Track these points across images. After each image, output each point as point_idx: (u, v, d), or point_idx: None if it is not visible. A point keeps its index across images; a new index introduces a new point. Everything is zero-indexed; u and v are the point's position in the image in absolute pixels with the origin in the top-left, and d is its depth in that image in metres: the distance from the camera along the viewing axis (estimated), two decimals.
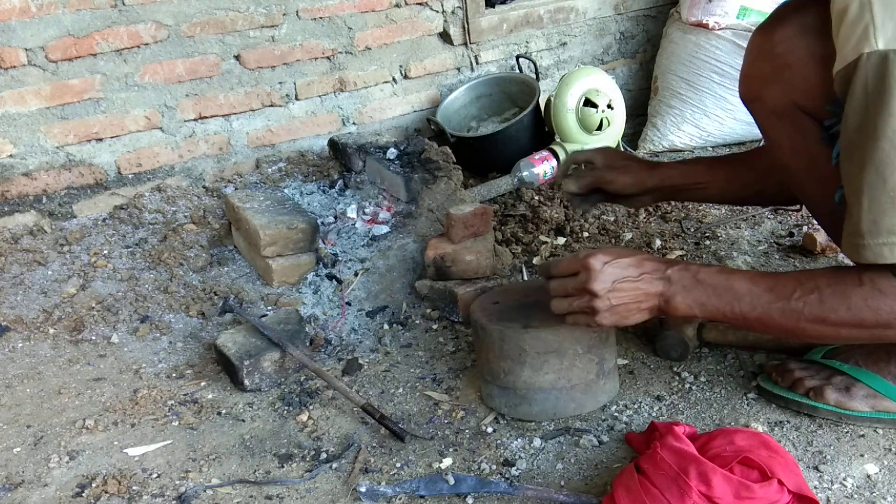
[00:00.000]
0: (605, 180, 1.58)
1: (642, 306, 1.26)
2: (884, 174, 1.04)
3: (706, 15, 2.57)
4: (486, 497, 1.25)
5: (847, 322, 1.15)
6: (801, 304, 1.17)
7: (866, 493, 1.19)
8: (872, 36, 1.02)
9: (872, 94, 1.03)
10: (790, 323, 1.18)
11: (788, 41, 1.20)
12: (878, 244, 1.07)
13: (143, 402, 1.58)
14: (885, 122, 1.02)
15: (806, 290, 1.17)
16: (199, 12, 2.26)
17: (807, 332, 1.19)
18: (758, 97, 1.30)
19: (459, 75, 2.74)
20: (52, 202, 2.21)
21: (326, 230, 2.06)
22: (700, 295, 1.22)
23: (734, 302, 1.21)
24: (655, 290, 1.24)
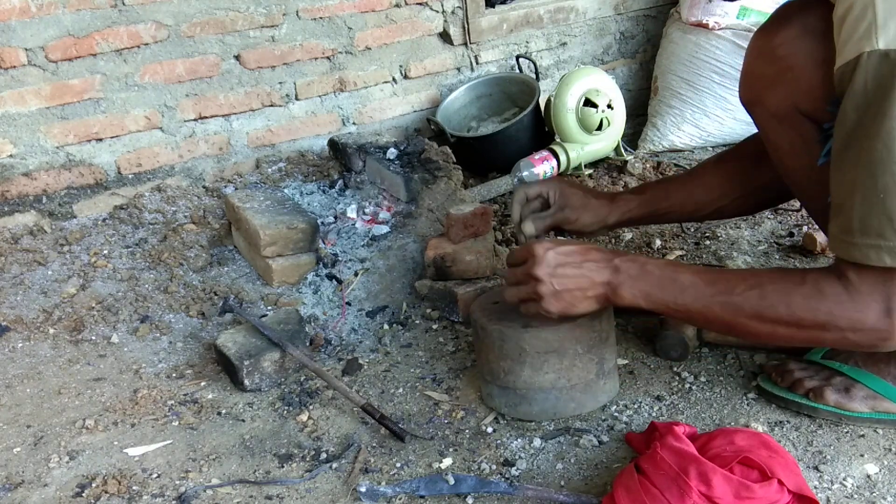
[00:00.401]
0: (566, 221, 1.56)
1: (588, 293, 1.26)
2: (875, 174, 1.04)
3: (706, 15, 2.58)
4: (486, 497, 1.25)
5: (784, 320, 1.15)
6: (742, 299, 1.17)
7: (866, 493, 1.19)
8: (874, 35, 1.02)
9: (871, 93, 1.03)
10: (730, 317, 1.18)
11: (790, 43, 1.20)
12: (867, 244, 1.06)
13: (143, 402, 1.58)
14: (881, 122, 1.02)
15: (749, 285, 1.18)
16: (199, 12, 2.26)
17: (746, 329, 1.19)
18: (759, 100, 1.29)
19: (459, 75, 2.74)
20: (52, 202, 2.21)
21: (326, 230, 2.06)
22: (646, 285, 1.23)
23: (678, 294, 1.21)
24: (602, 279, 1.25)
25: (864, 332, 1.11)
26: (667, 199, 1.55)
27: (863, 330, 1.11)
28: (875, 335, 1.11)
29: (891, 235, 1.04)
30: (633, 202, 1.56)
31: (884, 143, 1.02)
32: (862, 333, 1.11)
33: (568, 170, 2.49)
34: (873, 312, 1.09)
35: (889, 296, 1.08)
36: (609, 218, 1.56)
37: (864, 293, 1.09)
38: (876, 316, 1.09)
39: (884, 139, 1.02)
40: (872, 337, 1.11)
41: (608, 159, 2.59)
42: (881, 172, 1.03)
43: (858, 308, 1.10)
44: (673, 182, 1.61)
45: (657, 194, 1.56)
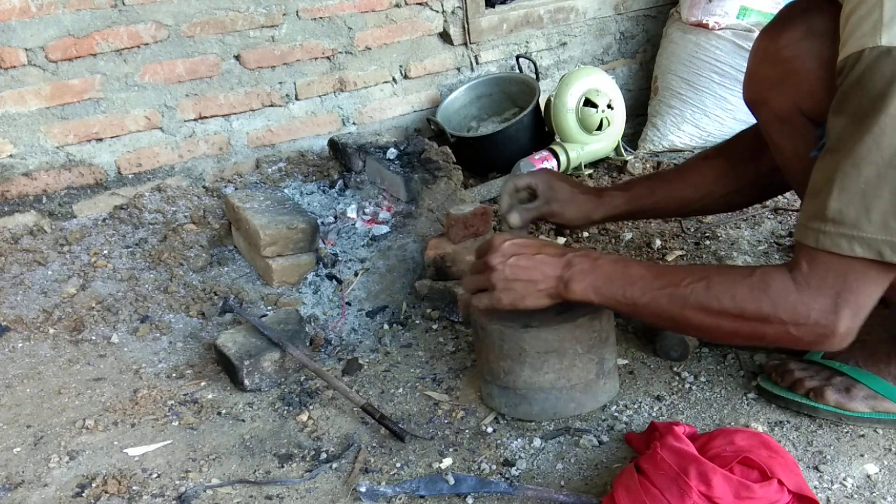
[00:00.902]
0: (551, 214, 1.56)
1: (539, 286, 1.27)
2: (860, 166, 1.04)
3: (706, 15, 2.57)
4: (486, 497, 1.25)
5: (729, 312, 1.14)
6: (689, 290, 1.17)
7: (866, 493, 1.19)
8: (879, 32, 1.02)
9: (868, 88, 1.03)
10: (676, 310, 1.18)
11: (795, 45, 1.20)
12: (839, 234, 1.06)
13: (143, 402, 1.58)
14: (874, 117, 1.02)
15: (696, 277, 1.18)
16: (199, 12, 2.26)
17: (691, 322, 1.19)
18: (763, 101, 1.29)
19: (459, 75, 2.74)
20: (52, 202, 2.21)
21: (326, 230, 2.06)
22: (596, 280, 1.24)
23: (627, 287, 1.22)
24: (553, 272, 1.26)
25: (806, 326, 1.10)
26: (652, 196, 1.55)
27: (805, 324, 1.10)
28: (817, 330, 1.10)
29: (866, 227, 1.04)
30: (619, 198, 1.57)
31: (874, 137, 1.02)
32: (804, 328, 1.10)
33: (568, 170, 2.49)
34: (819, 306, 1.09)
35: (840, 291, 1.08)
36: (595, 213, 1.57)
37: (813, 286, 1.09)
38: (821, 310, 1.09)
39: (875, 134, 1.02)
40: (814, 333, 1.10)
41: (608, 159, 2.59)
42: (866, 165, 1.03)
43: (804, 300, 1.09)
44: (659, 179, 1.61)
45: (643, 191, 1.57)
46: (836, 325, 1.09)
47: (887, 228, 1.04)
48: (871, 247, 1.05)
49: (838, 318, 1.09)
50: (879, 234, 1.04)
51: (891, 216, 1.04)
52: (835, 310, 1.08)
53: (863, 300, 1.09)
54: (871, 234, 1.04)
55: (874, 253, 1.05)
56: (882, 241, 1.04)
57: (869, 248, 1.05)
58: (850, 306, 1.08)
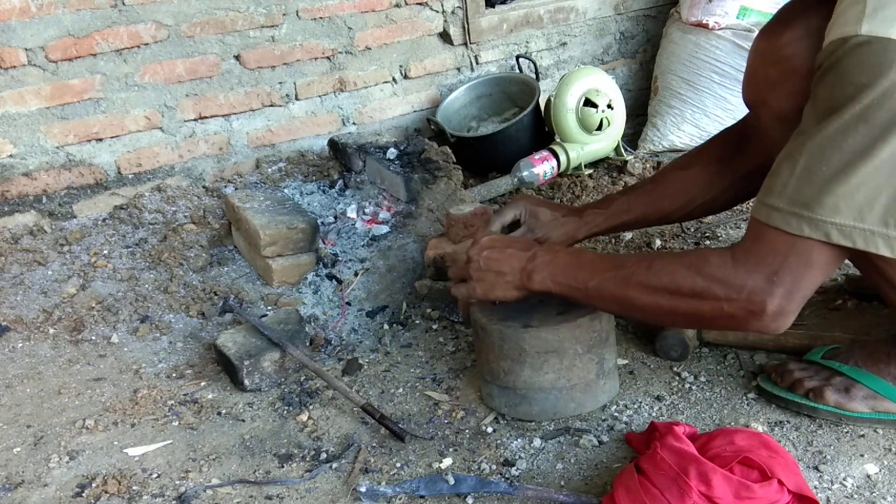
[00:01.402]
0: (537, 239, 1.58)
1: (507, 279, 1.33)
2: (824, 152, 1.05)
3: (706, 15, 2.57)
4: (486, 497, 1.25)
5: (666, 288, 1.16)
6: (631, 271, 1.20)
7: (866, 493, 1.19)
8: (860, 21, 1.02)
9: (843, 77, 1.04)
10: (619, 290, 1.21)
11: (795, 43, 1.20)
12: (790, 212, 1.07)
13: (143, 402, 1.58)
14: (846, 104, 1.03)
15: (641, 259, 1.22)
16: (199, 12, 2.26)
17: (633, 301, 1.21)
18: (763, 101, 1.29)
19: (459, 75, 2.74)
20: (52, 202, 2.21)
21: (326, 230, 2.06)
22: (553, 269, 1.29)
23: (578, 273, 1.26)
24: (518, 265, 1.32)
25: (738, 301, 1.11)
26: (630, 213, 1.57)
27: (737, 299, 1.11)
28: (748, 307, 1.11)
29: (818, 209, 1.05)
30: (599, 217, 1.59)
31: (843, 123, 1.03)
32: (736, 304, 1.11)
33: (568, 170, 2.49)
34: (752, 282, 1.10)
35: (778, 269, 1.09)
36: (578, 233, 1.59)
37: (751, 261, 1.10)
38: (754, 285, 1.09)
39: (844, 120, 1.03)
40: (745, 309, 1.11)
41: (608, 159, 2.59)
42: (831, 149, 1.04)
43: (739, 275, 1.10)
44: (637, 193, 1.62)
45: (622, 207, 1.58)
46: (767, 303, 1.09)
47: (838, 212, 1.05)
48: (819, 228, 1.06)
49: (770, 296, 1.09)
50: (830, 217, 1.05)
51: (844, 200, 1.04)
52: (767, 286, 1.09)
53: (800, 281, 1.09)
54: (822, 216, 1.05)
55: (822, 234, 1.06)
56: (831, 223, 1.05)
57: (817, 229, 1.06)
58: (785, 284, 1.09)
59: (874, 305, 1.57)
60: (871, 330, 1.52)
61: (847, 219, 1.05)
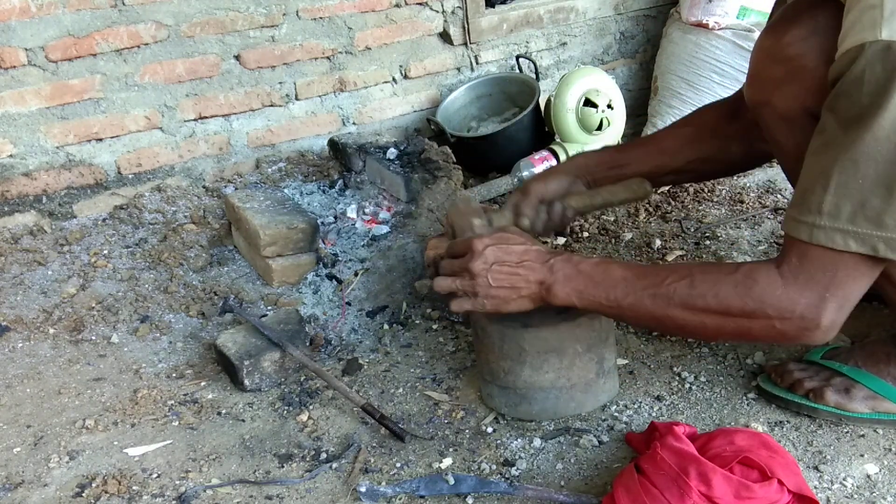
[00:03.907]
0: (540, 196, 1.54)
1: (522, 293, 1.27)
2: (859, 164, 1.04)
3: (706, 15, 2.57)
4: (486, 497, 1.25)
5: (713, 309, 1.14)
6: (672, 289, 1.16)
7: (866, 493, 1.19)
8: (879, 26, 1.01)
9: (868, 83, 1.02)
10: (660, 310, 1.17)
11: (800, 43, 1.18)
12: (834, 228, 1.06)
13: (143, 402, 1.58)
14: (875, 113, 1.01)
15: (679, 276, 1.17)
16: (199, 12, 2.26)
17: (675, 321, 1.18)
18: (767, 101, 1.28)
19: (459, 75, 2.74)
20: (52, 202, 2.21)
21: (326, 230, 2.06)
22: (578, 283, 1.23)
23: (610, 290, 1.21)
24: (536, 278, 1.25)
25: (791, 320, 1.10)
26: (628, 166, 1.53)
27: (790, 318, 1.10)
28: (801, 324, 1.10)
29: (861, 223, 1.05)
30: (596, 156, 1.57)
31: (874, 134, 1.02)
32: (789, 322, 1.10)
33: None
34: (805, 300, 1.09)
35: (829, 285, 1.08)
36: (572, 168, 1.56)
37: (801, 280, 1.09)
38: (807, 303, 1.09)
39: (874, 131, 1.02)
40: (799, 326, 1.10)
41: None
42: (865, 161, 1.03)
43: (790, 295, 1.10)
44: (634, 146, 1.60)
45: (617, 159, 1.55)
46: (821, 318, 1.09)
47: (882, 224, 1.04)
48: (865, 242, 1.05)
49: (823, 311, 1.09)
50: (875, 230, 1.04)
51: (887, 212, 1.04)
52: (821, 303, 1.09)
53: (850, 294, 1.10)
54: (867, 229, 1.05)
55: (869, 248, 1.05)
56: (877, 236, 1.05)
57: (864, 243, 1.05)
58: (837, 300, 1.09)
59: (874, 305, 1.57)
60: (871, 330, 1.52)
61: (892, 231, 1.04)
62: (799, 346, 1.51)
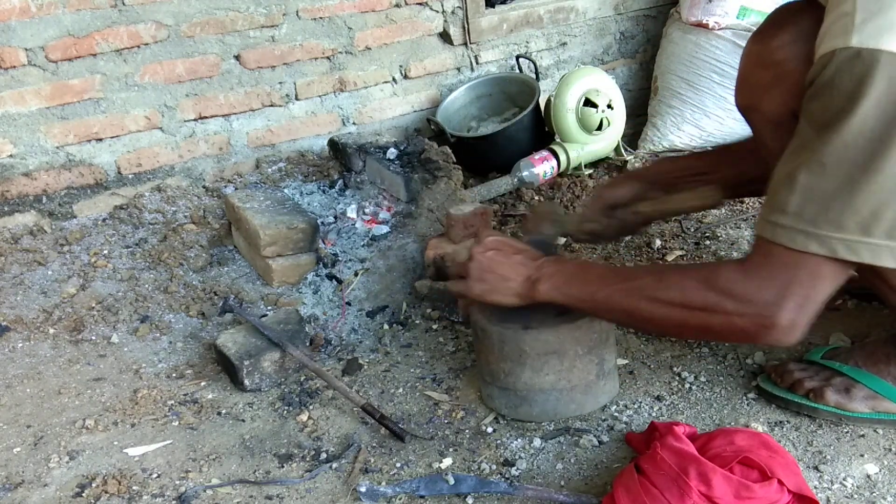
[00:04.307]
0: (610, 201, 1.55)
1: (510, 285, 1.32)
2: (826, 167, 1.05)
3: (706, 15, 2.57)
4: (486, 497, 1.25)
5: (677, 302, 1.16)
6: (642, 283, 1.20)
7: (866, 493, 1.19)
8: (850, 32, 1.02)
9: (837, 89, 1.03)
10: (629, 302, 1.21)
11: (787, 47, 1.20)
12: (797, 229, 1.07)
13: (143, 402, 1.58)
14: (843, 119, 1.03)
15: (651, 272, 1.22)
16: (199, 12, 2.26)
17: (642, 314, 1.20)
18: (755, 105, 1.30)
19: (459, 75, 2.74)
20: (52, 202, 2.21)
21: (326, 230, 2.06)
22: (560, 280, 1.29)
23: (586, 285, 1.26)
24: (524, 273, 1.32)
25: (749, 316, 1.11)
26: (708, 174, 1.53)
27: (748, 314, 1.11)
28: (759, 320, 1.10)
29: (823, 225, 1.05)
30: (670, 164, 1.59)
31: (842, 138, 1.03)
32: (748, 318, 1.11)
33: (568, 170, 2.49)
34: (763, 296, 1.10)
35: (788, 283, 1.09)
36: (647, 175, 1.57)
37: (761, 276, 1.10)
38: (765, 300, 1.09)
39: (842, 135, 1.03)
40: (757, 322, 1.11)
41: (608, 159, 2.59)
42: (832, 164, 1.04)
43: (749, 289, 1.10)
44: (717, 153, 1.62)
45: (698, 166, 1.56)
46: (778, 316, 1.09)
47: (843, 227, 1.05)
48: (825, 244, 1.06)
49: (781, 309, 1.09)
50: (835, 233, 1.05)
51: (849, 216, 1.04)
52: (779, 300, 1.09)
53: (811, 294, 1.09)
54: (828, 231, 1.05)
55: (828, 250, 1.06)
56: (837, 238, 1.05)
57: (823, 245, 1.06)
58: (796, 298, 1.09)
59: (874, 305, 1.57)
60: (871, 330, 1.52)
61: (853, 234, 1.04)
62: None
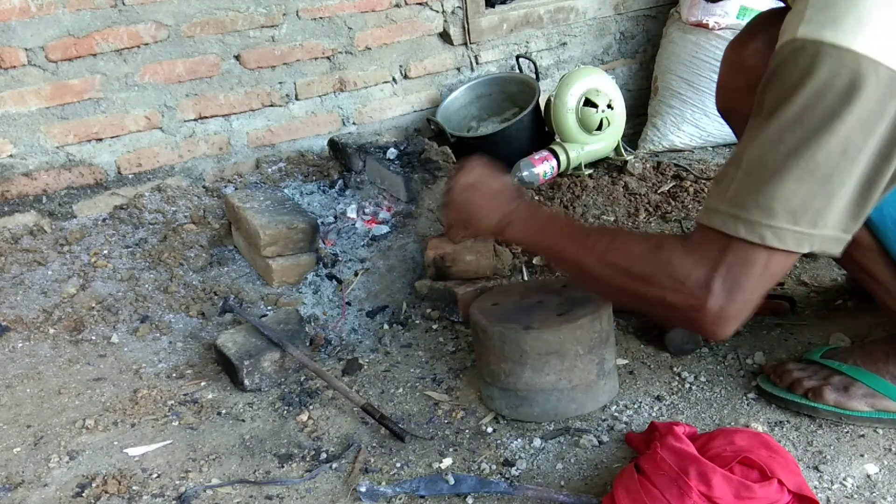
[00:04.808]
0: None
1: (488, 219, 1.36)
2: (762, 153, 1.06)
3: (706, 15, 2.57)
4: (486, 497, 1.25)
5: (620, 266, 1.17)
6: (594, 241, 1.23)
7: (866, 493, 1.19)
8: (798, 25, 1.04)
9: (781, 79, 1.05)
10: (582, 259, 1.23)
11: (758, 54, 1.24)
12: (729, 214, 1.07)
13: (143, 402, 1.58)
14: (782, 104, 1.04)
15: (607, 233, 1.26)
16: (199, 12, 2.26)
17: (589, 271, 1.22)
18: (733, 109, 1.34)
19: (459, 75, 2.74)
20: (52, 202, 2.21)
21: (326, 230, 2.06)
22: (528, 226, 1.32)
23: (548, 234, 1.29)
24: (500, 211, 1.35)
25: (680, 293, 1.11)
26: None
27: (679, 291, 1.11)
28: (689, 300, 1.10)
29: (753, 211, 1.06)
30: None
31: (779, 124, 1.04)
32: (680, 295, 1.11)
33: (568, 169, 2.49)
34: (696, 274, 1.10)
35: (719, 265, 1.08)
36: None
37: (696, 256, 1.10)
38: (697, 278, 1.10)
39: (781, 121, 1.04)
40: (687, 302, 1.11)
41: (608, 159, 2.59)
42: (768, 151, 1.05)
43: (685, 266, 1.11)
44: None
45: None
46: (708, 298, 1.09)
47: (772, 213, 1.05)
48: (754, 230, 1.06)
49: (710, 292, 1.09)
50: (764, 219, 1.05)
51: (778, 201, 1.04)
52: (709, 282, 1.09)
53: (741, 281, 1.09)
54: (757, 217, 1.06)
55: (756, 237, 1.06)
56: (765, 225, 1.05)
57: (752, 231, 1.06)
58: (724, 283, 1.08)
59: (874, 305, 1.57)
60: (871, 330, 1.52)
61: (781, 221, 1.05)
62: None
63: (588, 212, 2.25)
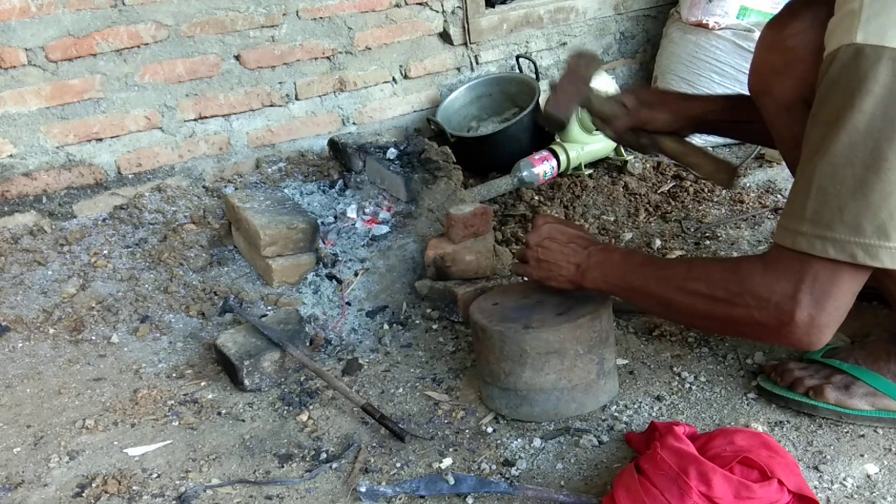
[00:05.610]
0: (643, 120, 1.56)
1: (563, 272, 1.38)
2: (836, 168, 1.04)
3: (706, 15, 2.57)
4: (486, 497, 1.25)
5: (702, 292, 1.18)
6: (672, 273, 1.24)
7: (866, 493, 1.19)
8: (854, 29, 1.02)
9: (842, 86, 1.04)
10: (661, 291, 1.24)
11: (800, 35, 1.21)
12: (814, 235, 1.07)
13: (143, 402, 1.58)
14: (848, 115, 1.03)
15: (683, 263, 1.26)
16: (199, 12, 2.26)
17: (672, 303, 1.23)
18: (767, 90, 1.30)
19: (459, 75, 2.74)
20: (52, 202, 2.21)
21: (326, 230, 2.06)
22: (606, 269, 1.33)
23: (627, 274, 1.30)
24: (575, 260, 1.36)
25: (767, 310, 1.11)
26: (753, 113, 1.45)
27: (766, 308, 1.11)
28: (777, 314, 1.11)
29: (839, 229, 1.05)
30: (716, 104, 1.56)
31: (849, 137, 1.03)
32: (766, 312, 1.11)
33: (568, 170, 2.48)
34: (781, 289, 1.10)
35: (801, 279, 1.09)
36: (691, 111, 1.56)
37: (779, 270, 1.11)
38: (782, 293, 1.10)
39: (849, 133, 1.03)
40: (774, 317, 1.11)
41: (608, 159, 2.59)
42: (842, 165, 1.04)
43: (768, 282, 1.11)
44: None
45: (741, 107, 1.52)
46: (796, 311, 1.09)
47: (860, 230, 1.04)
48: (843, 249, 1.05)
49: (798, 304, 1.09)
50: (852, 237, 1.05)
51: (865, 218, 1.04)
52: (795, 294, 1.09)
53: (830, 290, 1.09)
54: (845, 236, 1.05)
55: (847, 255, 1.06)
56: (854, 243, 1.05)
57: (842, 250, 1.06)
58: (814, 293, 1.09)
59: (874, 305, 1.57)
60: (871, 330, 1.52)
61: (871, 237, 1.04)
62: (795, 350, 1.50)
63: (588, 212, 2.25)
